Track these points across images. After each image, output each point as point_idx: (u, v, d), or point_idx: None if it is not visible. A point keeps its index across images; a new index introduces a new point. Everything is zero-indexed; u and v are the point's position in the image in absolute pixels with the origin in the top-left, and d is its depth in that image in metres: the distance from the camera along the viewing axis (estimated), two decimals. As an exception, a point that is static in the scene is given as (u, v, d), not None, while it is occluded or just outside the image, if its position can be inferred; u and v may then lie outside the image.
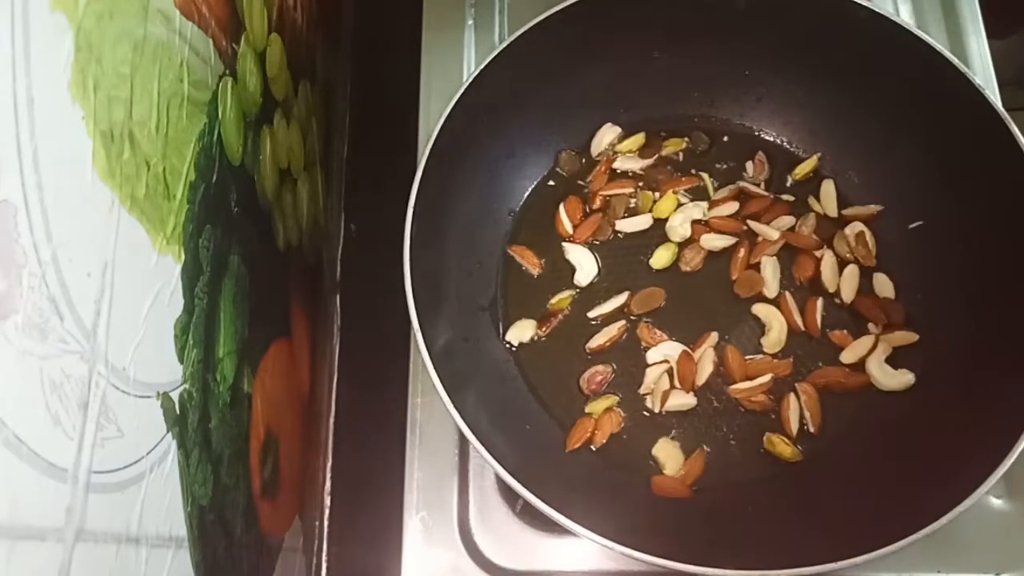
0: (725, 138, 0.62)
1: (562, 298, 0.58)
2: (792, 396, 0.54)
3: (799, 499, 0.51)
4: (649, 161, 0.61)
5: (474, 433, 0.46)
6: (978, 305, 0.52)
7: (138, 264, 0.34)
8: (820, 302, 0.56)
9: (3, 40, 0.25)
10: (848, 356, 0.55)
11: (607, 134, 0.62)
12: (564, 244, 0.60)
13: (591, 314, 0.58)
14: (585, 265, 0.59)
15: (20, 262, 0.26)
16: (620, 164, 0.62)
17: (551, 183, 0.62)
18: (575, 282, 0.59)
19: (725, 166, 0.62)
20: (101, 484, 0.30)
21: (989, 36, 0.65)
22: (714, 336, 0.56)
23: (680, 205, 0.60)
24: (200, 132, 0.41)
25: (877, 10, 0.53)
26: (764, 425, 0.54)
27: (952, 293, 0.54)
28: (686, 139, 0.62)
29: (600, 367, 0.56)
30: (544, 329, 0.58)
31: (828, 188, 0.60)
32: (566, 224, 0.60)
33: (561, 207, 0.61)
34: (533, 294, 0.59)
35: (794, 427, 0.54)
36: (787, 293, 0.57)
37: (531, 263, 0.59)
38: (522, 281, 0.59)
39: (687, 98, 0.62)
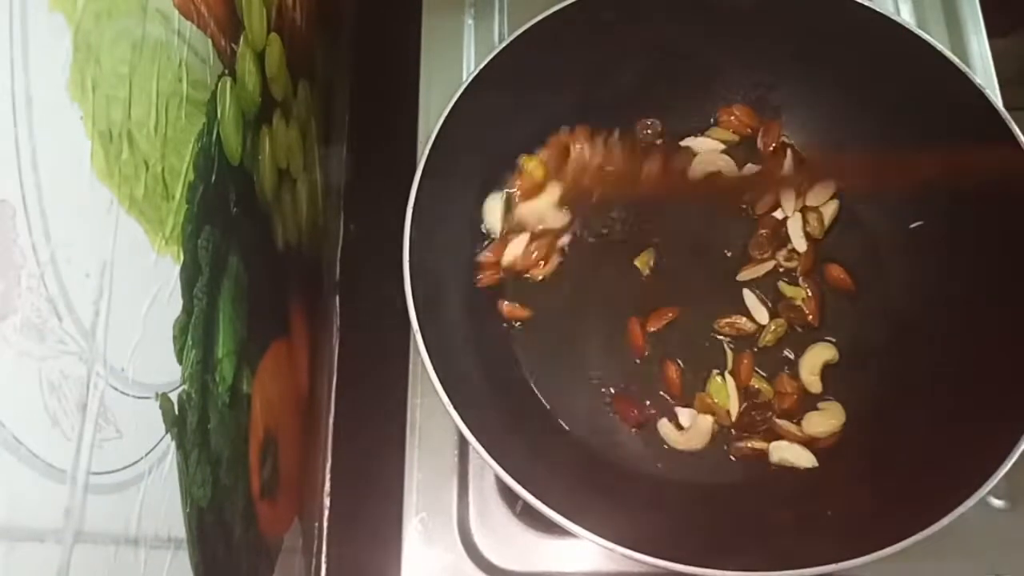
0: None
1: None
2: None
3: (799, 500, 0.51)
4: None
5: (473, 433, 0.46)
6: (980, 305, 0.52)
7: (137, 264, 0.34)
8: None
9: (1, 40, 0.25)
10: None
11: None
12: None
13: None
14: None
15: (18, 262, 0.25)
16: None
17: (551, 183, 0.62)
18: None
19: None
20: (100, 485, 0.30)
21: (990, 35, 0.65)
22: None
23: None
24: (199, 132, 0.40)
25: (877, 9, 0.53)
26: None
27: (953, 293, 0.53)
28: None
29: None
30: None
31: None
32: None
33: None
34: (534, 294, 0.59)
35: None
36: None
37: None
38: (522, 281, 0.59)
39: (687, 97, 0.62)
